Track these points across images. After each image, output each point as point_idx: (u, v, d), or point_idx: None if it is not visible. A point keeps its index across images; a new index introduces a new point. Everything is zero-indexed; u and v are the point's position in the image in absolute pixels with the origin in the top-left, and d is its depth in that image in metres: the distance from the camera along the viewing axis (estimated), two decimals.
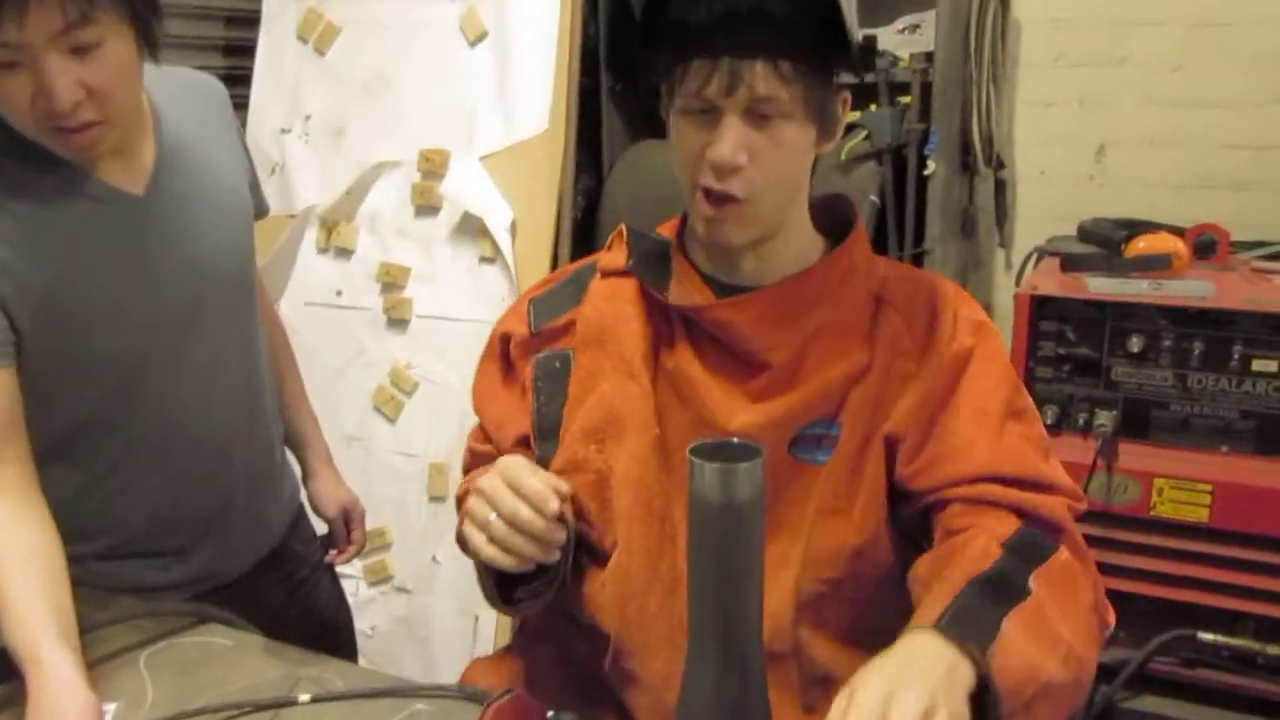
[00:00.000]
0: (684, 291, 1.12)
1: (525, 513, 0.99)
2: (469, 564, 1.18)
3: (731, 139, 0.99)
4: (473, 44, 2.42)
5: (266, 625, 1.32)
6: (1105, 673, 1.85)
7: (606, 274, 1.18)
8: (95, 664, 1.10)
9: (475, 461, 1.28)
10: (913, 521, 1.09)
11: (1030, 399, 1.12)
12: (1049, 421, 1.88)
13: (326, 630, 1.59)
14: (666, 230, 1.19)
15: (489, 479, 1.02)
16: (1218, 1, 2.32)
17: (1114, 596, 1.80)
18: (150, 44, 1.13)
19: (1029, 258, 2.28)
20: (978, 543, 0.97)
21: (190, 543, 1.36)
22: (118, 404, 1.25)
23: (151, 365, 1.26)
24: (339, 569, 1.68)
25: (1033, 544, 0.99)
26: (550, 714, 0.92)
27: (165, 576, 1.35)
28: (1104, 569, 1.80)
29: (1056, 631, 0.92)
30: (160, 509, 1.32)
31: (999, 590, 0.91)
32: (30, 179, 1.14)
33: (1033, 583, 0.93)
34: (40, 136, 1.10)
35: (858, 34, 1.02)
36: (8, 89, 1.05)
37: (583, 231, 2.45)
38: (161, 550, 1.35)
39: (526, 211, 2.34)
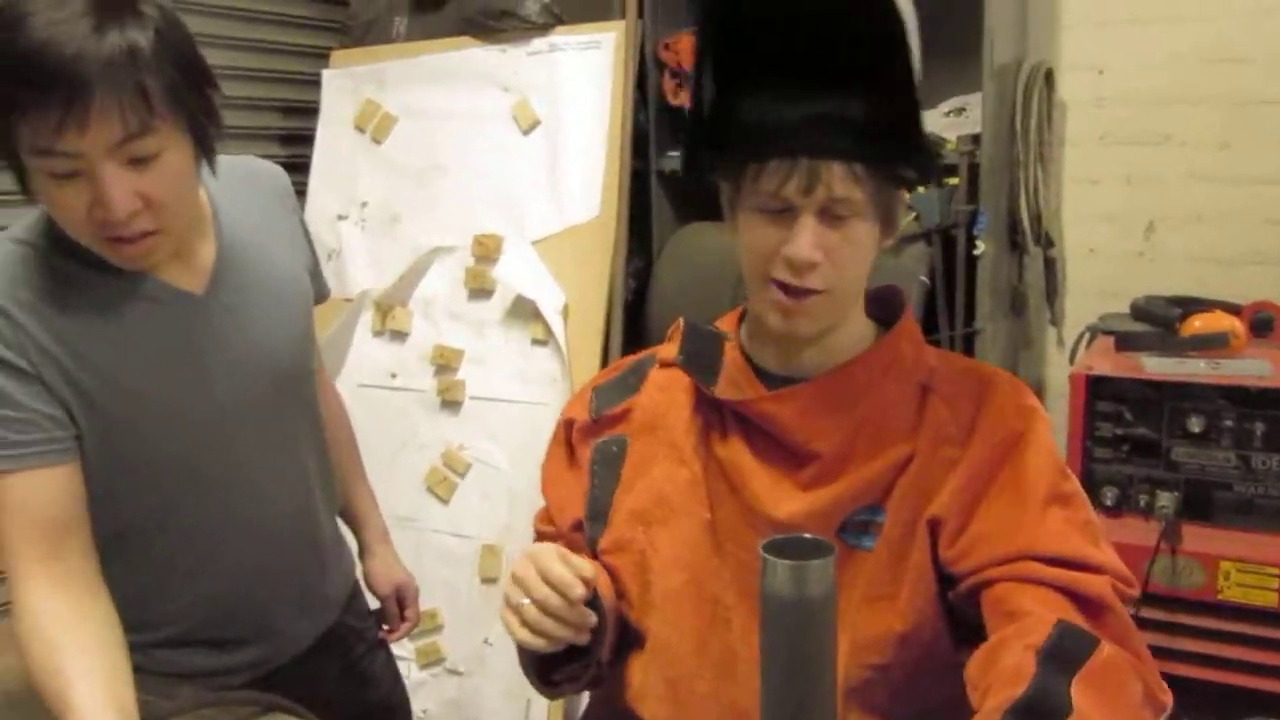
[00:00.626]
0: (733, 384, 1.14)
1: (554, 600, 1.02)
2: None
3: (808, 238, 1.03)
4: (525, 132, 2.48)
5: (324, 703, 1.33)
6: None
7: (664, 365, 1.22)
8: None
9: (539, 540, 1.29)
10: (963, 604, 1.08)
11: (1077, 484, 1.11)
12: (1108, 503, 1.86)
13: (382, 708, 1.60)
14: (726, 323, 1.22)
15: (521, 565, 1.06)
16: (1259, 81, 2.33)
17: (1182, 683, 1.78)
18: (207, 152, 1.14)
19: (1081, 336, 2.28)
20: (1011, 657, 0.93)
21: (249, 630, 1.37)
22: (174, 502, 1.27)
23: (205, 462, 1.27)
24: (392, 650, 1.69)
25: (1070, 646, 0.95)
26: None
27: (225, 662, 1.36)
28: (1170, 655, 1.78)
29: (1114, 713, 0.89)
30: (219, 600, 1.33)
31: (1039, 717, 0.88)
32: (90, 280, 1.16)
33: (1074, 694, 0.89)
34: (94, 245, 1.11)
35: (927, 140, 1.06)
36: (66, 197, 1.06)
37: (632, 313, 2.48)
38: (222, 639, 1.35)
39: (578, 294, 2.38)
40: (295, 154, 2.85)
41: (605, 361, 2.37)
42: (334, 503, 1.52)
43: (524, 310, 2.39)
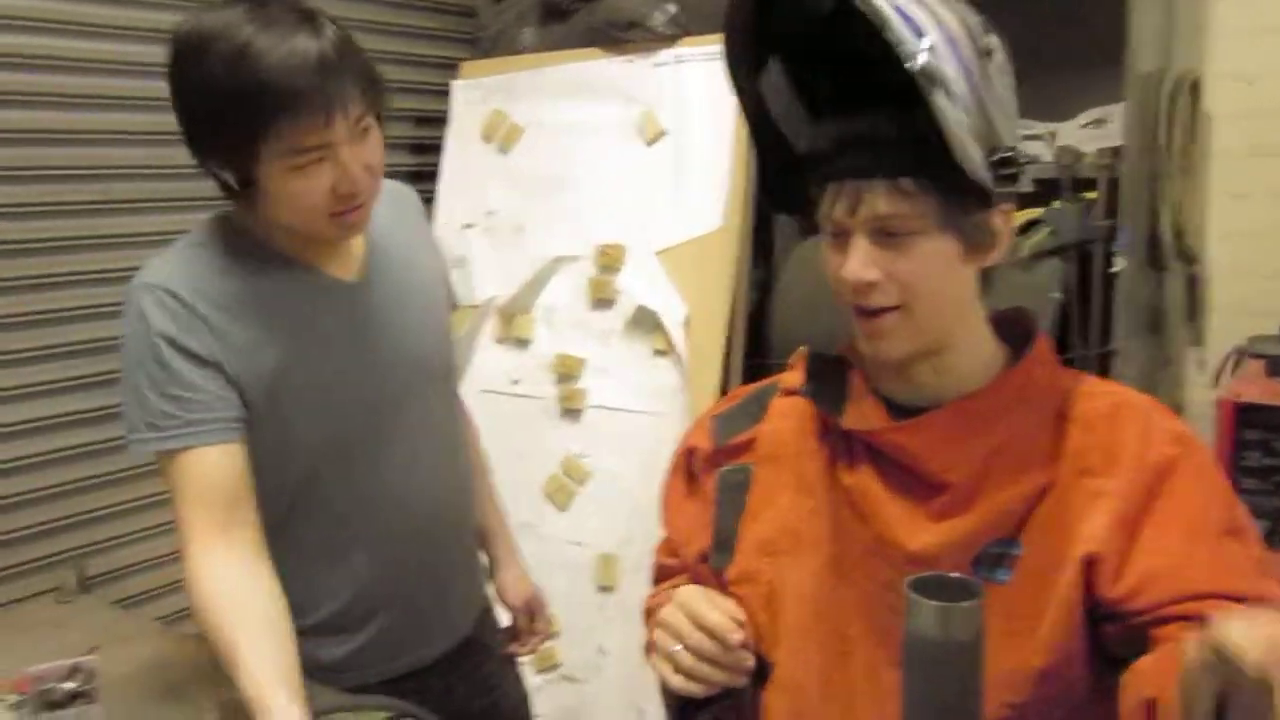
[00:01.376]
0: (860, 413, 1.12)
1: (710, 646, 1.01)
2: (636, 656, 1.25)
3: (858, 257, 1.02)
4: (650, 143, 2.49)
5: (453, 716, 1.37)
6: None
7: (787, 393, 1.20)
8: None
9: (662, 575, 1.29)
10: (1120, 641, 1.02)
11: (1248, 515, 1.05)
12: None
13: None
14: (848, 350, 1.19)
15: (671, 612, 1.04)
16: None
17: None
18: (381, 122, 1.29)
19: (1228, 358, 2.17)
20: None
21: (388, 624, 1.42)
22: (327, 484, 1.34)
23: (357, 444, 1.35)
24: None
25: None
26: None
27: (362, 659, 1.41)
28: None
29: None
30: (362, 589, 1.39)
31: None
32: (259, 273, 1.30)
33: None
34: (322, 223, 1.25)
35: (977, 149, 0.99)
36: (311, 182, 1.21)
37: (754, 325, 2.46)
38: (361, 632, 1.41)
39: (700, 305, 2.37)
40: (424, 163, 2.92)
41: (726, 373, 2.36)
42: (471, 509, 1.56)
43: (646, 320, 2.40)
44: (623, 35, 2.55)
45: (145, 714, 1.26)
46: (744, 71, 1.09)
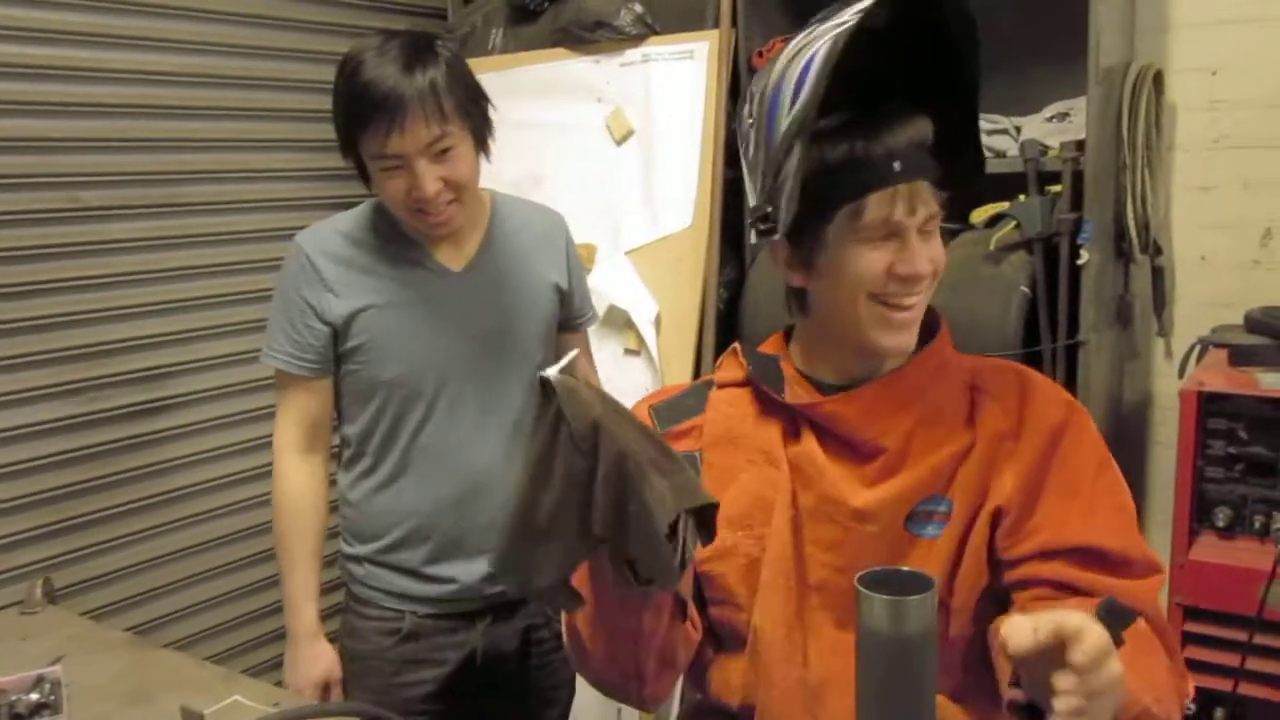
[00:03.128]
0: (795, 394, 1.24)
1: None
2: None
3: (924, 253, 1.14)
4: (619, 142, 2.49)
5: (494, 667, 1.72)
6: None
7: (723, 386, 1.31)
8: None
9: None
10: (1003, 592, 1.15)
11: (1118, 473, 1.18)
12: (1220, 524, 1.80)
13: (542, 700, 1.83)
14: (770, 346, 1.32)
15: None
16: None
17: None
18: (483, 146, 1.61)
19: (1192, 348, 2.20)
20: (1070, 604, 1.04)
21: (441, 555, 1.68)
22: (398, 422, 1.64)
23: (423, 398, 1.63)
24: None
25: (1116, 608, 0.95)
26: None
27: (418, 590, 1.69)
28: None
29: (1137, 667, 0.95)
30: (422, 520, 1.67)
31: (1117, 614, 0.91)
32: (390, 249, 1.64)
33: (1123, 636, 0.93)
34: (410, 218, 1.57)
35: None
36: (393, 184, 1.52)
37: (725, 322, 2.47)
38: (418, 561, 1.68)
39: (671, 304, 2.38)
40: None
41: (698, 369, 2.37)
42: None
43: (618, 319, 2.41)
44: (590, 35, 2.56)
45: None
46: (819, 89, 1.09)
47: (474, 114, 1.57)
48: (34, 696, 1.23)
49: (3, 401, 2.22)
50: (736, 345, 1.33)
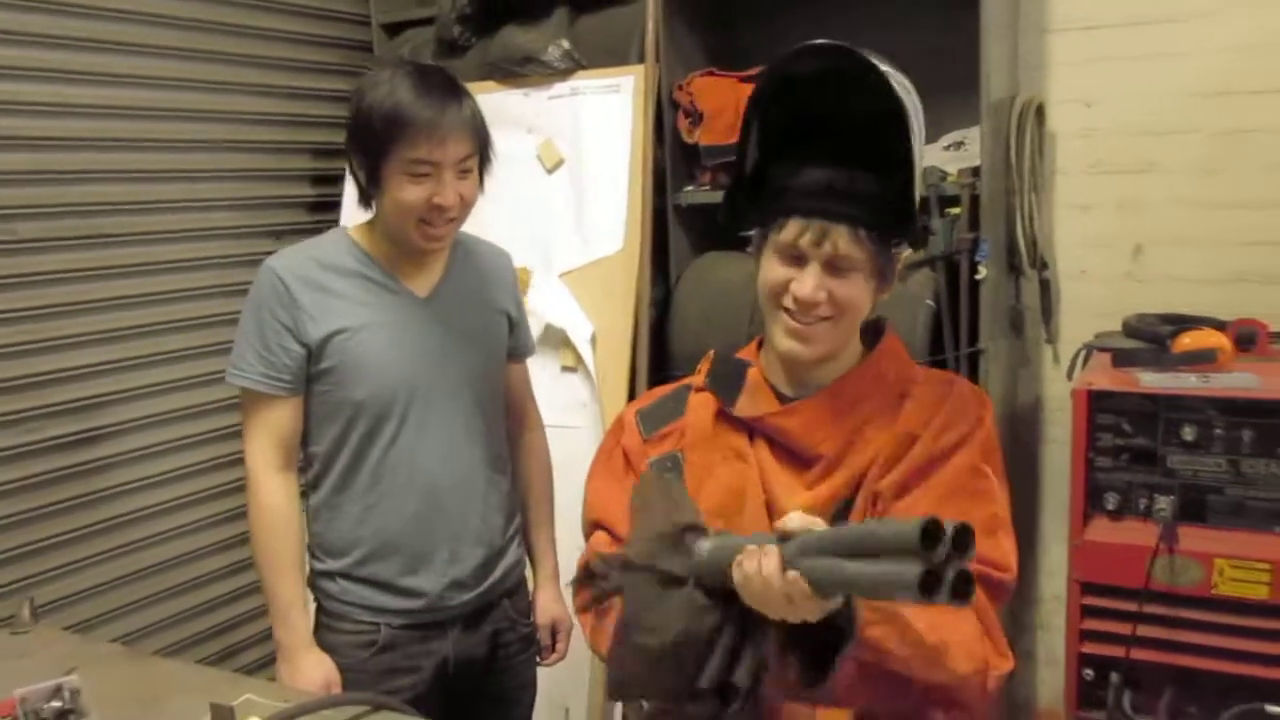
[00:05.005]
0: (753, 402, 1.39)
1: None
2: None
3: (812, 282, 1.28)
4: (550, 171, 2.62)
5: (465, 673, 1.81)
6: None
7: (699, 390, 1.46)
8: None
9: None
10: None
11: (994, 483, 1.33)
12: (1110, 508, 2.00)
13: (508, 701, 1.94)
14: (747, 352, 1.47)
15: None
16: (1241, 112, 2.49)
17: (1182, 674, 1.93)
18: (482, 178, 1.76)
19: (1078, 353, 2.42)
20: None
21: (407, 570, 1.76)
22: (365, 442, 1.73)
23: (392, 418, 1.72)
24: None
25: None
26: None
27: (387, 603, 1.76)
28: (1171, 647, 1.92)
29: (946, 622, 1.15)
30: (388, 538, 1.75)
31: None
32: (361, 274, 1.73)
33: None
34: (410, 228, 1.68)
35: (919, 216, 1.30)
36: (417, 191, 1.64)
37: (655, 339, 2.61)
38: (386, 577, 1.76)
39: (605, 323, 2.52)
40: (324, 194, 3.00)
41: (633, 385, 2.50)
42: (504, 502, 1.90)
43: (554, 338, 2.53)
44: (519, 69, 2.68)
45: None
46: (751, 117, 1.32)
47: (487, 148, 1.75)
48: (56, 704, 1.30)
49: None
50: (713, 351, 1.48)
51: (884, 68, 1.24)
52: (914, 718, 1.30)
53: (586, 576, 1.42)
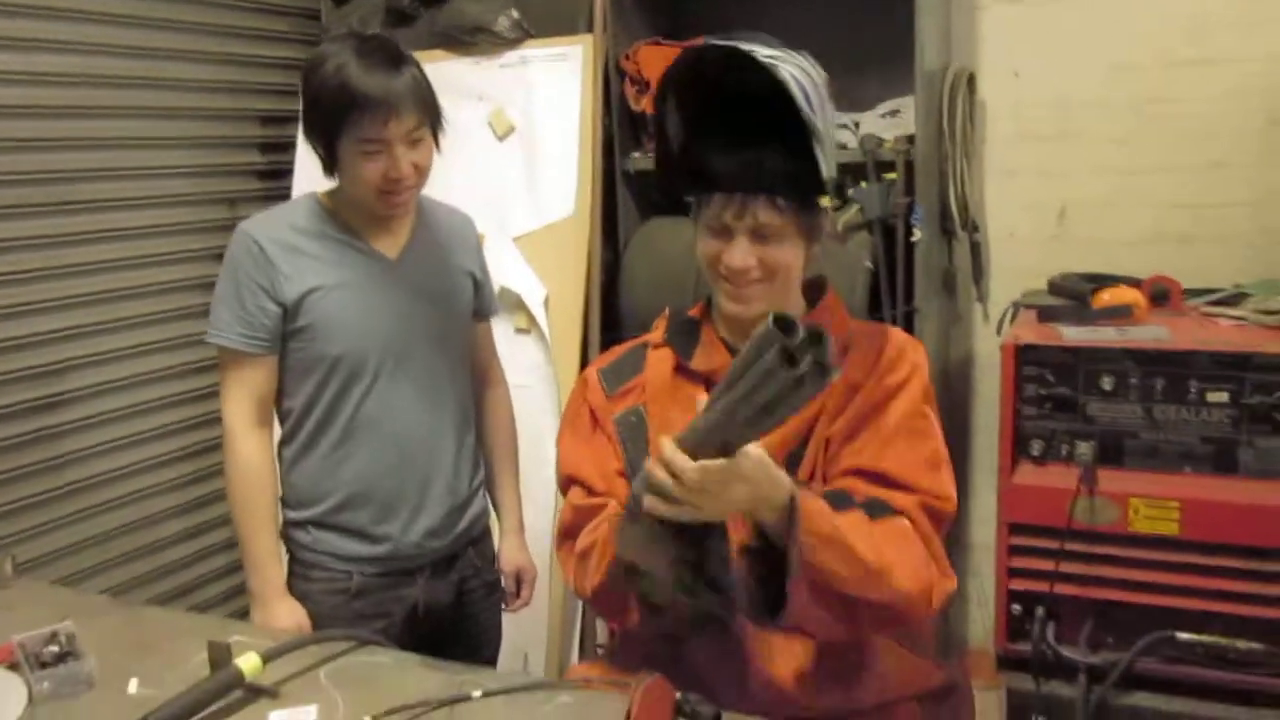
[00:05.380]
0: (706, 356, 1.51)
1: None
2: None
3: (741, 252, 1.41)
4: (502, 138, 2.70)
5: (433, 618, 1.90)
6: (1096, 674, 2.10)
7: (657, 346, 1.57)
8: (283, 682, 1.33)
9: (583, 516, 1.52)
10: None
11: (933, 423, 1.48)
12: (1035, 453, 2.15)
13: (475, 644, 2.01)
14: (696, 311, 1.60)
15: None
16: (1155, 85, 2.65)
17: (1101, 606, 2.09)
18: (437, 143, 1.81)
19: (1006, 311, 2.57)
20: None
21: (379, 519, 1.84)
22: (340, 395, 1.80)
23: (364, 373, 1.80)
24: None
25: (876, 505, 1.35)
26: (679, 695, 1.15)
27: (360, 550, 1.85)
28: (1091, 581, 2.08)
29: (870, 532, 1.28)
30: (360, 487, 1.83)
31: (832, 495, 1.30)
32: (331, 236, 1.80)
33: (862, 511, 1.31)
34: (373, 198, 1.75)
35: (831, 175, 1.41)
36: (371, 166, 1.70)
37: (604, 301, 2.70)
38: (358, 524, 1.84)
39: (557, 286, 2.61)
40: (276, 160, 3.03)
41: (585, 346, 2.60)
42: (469, 454, 1.98)
43: (508, 301, 2.61)
44: (469, 39, 2.74)
45: (135, 665, 1.40)
46: (660, 107, 1.46)
47: (436, 112, 1.78)
48: (53, 649, 1.37)
49: None
50: (667, 310, 1.60)
51: (764, 53, 1.36)
52: (865, 642, 1.43)
53: (571, 527, 1.53)
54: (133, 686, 1.35)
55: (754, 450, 1.19)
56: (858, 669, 1.45)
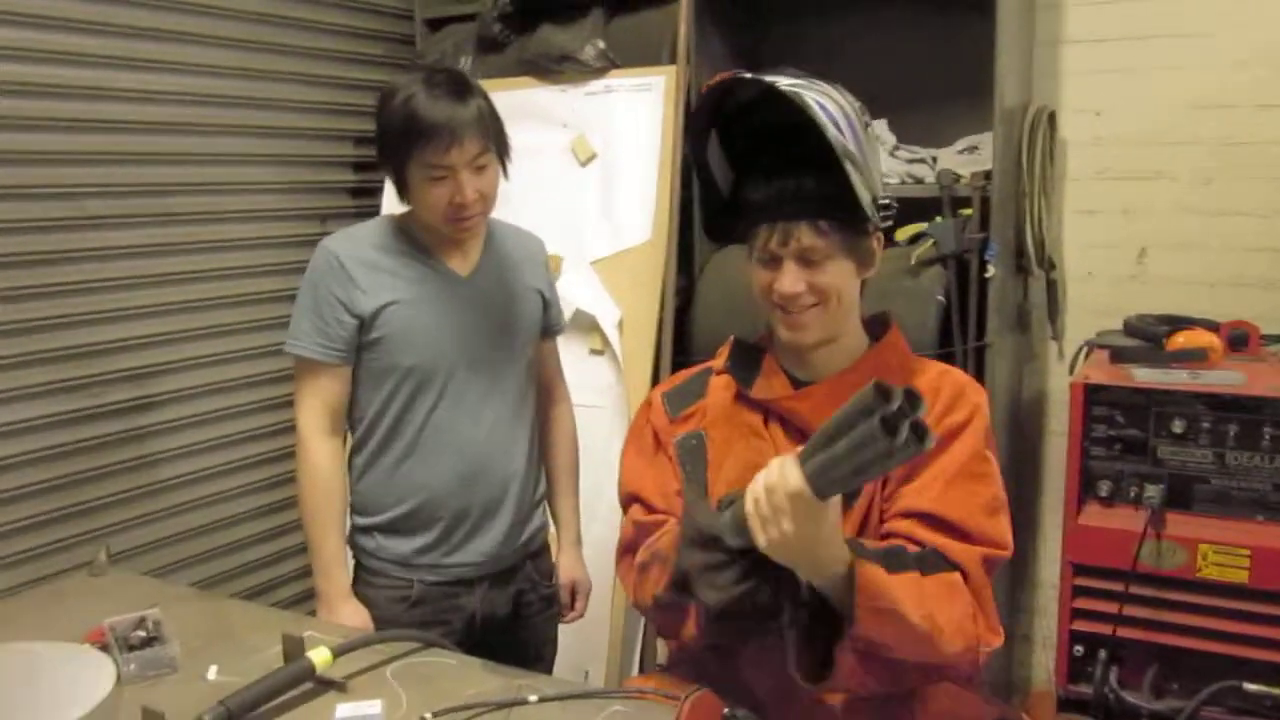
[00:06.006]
0: (768, 385, 1.54)
1: None
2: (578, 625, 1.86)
3: (790, 278, 1.44)
4: (583, 164, 2.77)
5: (490, 628, 1.95)
6: None
7: (719, 373, 1.62)
8: (351, 676, 1.40)
9: (643, 531, 1.55)
10: None
11: (994, 468, 1.47)
12: (1102, 494, 2.14)
13: (530, 655, 2.04)
14: (762, 340, 1.62)
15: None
16: (1241, 124, 2.62)
17: (1166, 652, 2.06)
18: (505, 169, 1.89)
19: (1080, 350, 2.55)
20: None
21: (444, 529, 1.90)
22: (410, 406, 1.87)
23: (434, 385, 1.87)
24: None
25: (930, 558, 1.35)
26: (726, 710, 1.18)
27: (425, 559, 1.90)
28: (1156, 626, 2.06)
29: (921, 594, 1.27)
30: (428, 497, 1.89)
31: (889, 555, 1.29)
32: (407, 254, 1.89)
33: (916, 568, 1.30)
34: (443, 223, 1.83)
35: (868, 197, 1.43)
36: (438, 192, 1.78)
37: (677, 326, 2.74)
38: (426, 533, 1.90)
39: (631, 309, 2.66)
40: (366, 179, 3.15)
41: (657, 369, 2.65)
42: (533, 469, 2.04)
43: (583, 323, 2.67)
44: (556, 67, 2.82)
45: (215, 653, 1.48)
46: (699, 144, 1.51)
47: (502, 140, 1.86)
48: (140, 633, 1.45)
49: (10, 397, 2.39)
50: (732, 338, 1.63)
51: (786, 83, 1.40)
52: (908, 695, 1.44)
53: (631, 543, 1.58)
54: (212, 673, 1.42)
55: (835, 510, 1.22)
56: (909, 700, 1.46)
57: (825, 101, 1.40)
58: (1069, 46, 2.78)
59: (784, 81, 1.40)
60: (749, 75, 1.42)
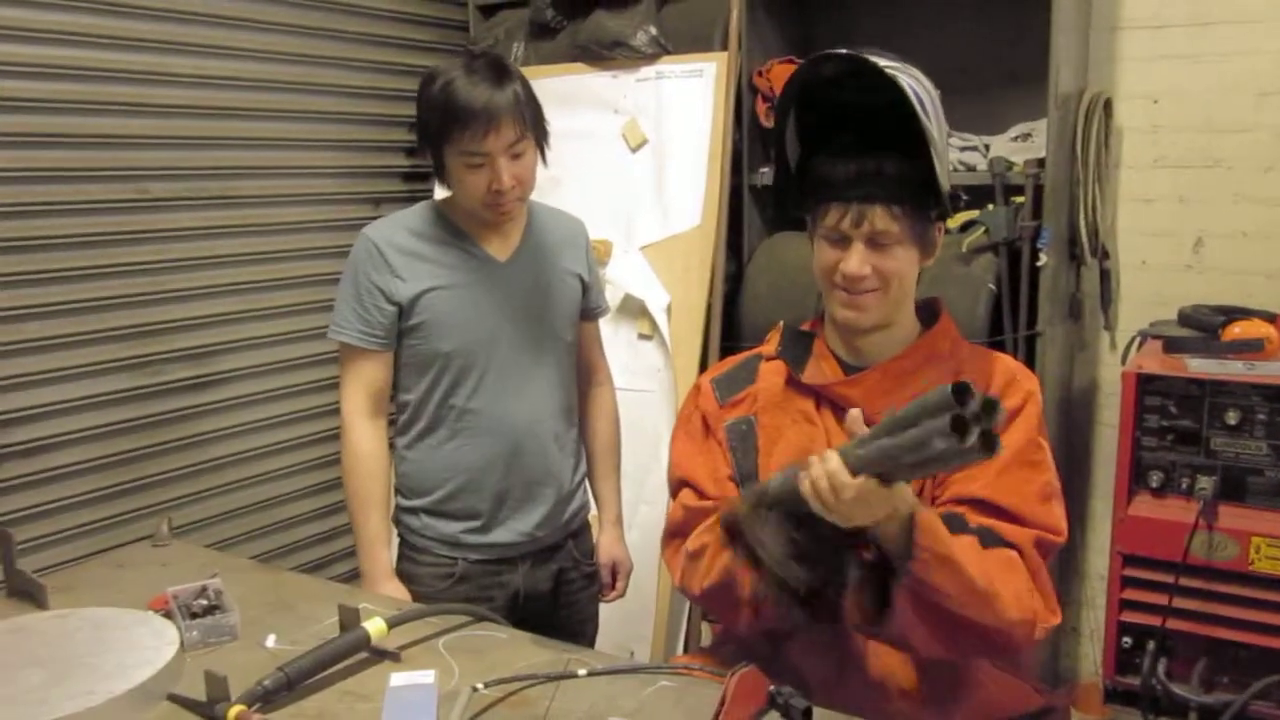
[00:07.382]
0: (818, 370, 1.55)
1: None
2: (623, 605, 1.95)
3: (857, 259, 1.45)
4: (634, 149, 2.78)
5: (532, 605, 1.98)
6: (1208, 714, 2.06)
7: (769, 359, 1.62)
8: (404, 647, 1.43)
9: (694, 517, 1.57)
10: None
11: (1048, 454, 1.47)
12: (1154, 485, 2.12)
13: (571, 632, 2.05)
14: (810, 325, 1.64)
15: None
16: None
17: (1216, 644, 2.04)
18: (543, 155, 1.89)
19: (1133, 340, 2.53)
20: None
21: (486, 509, 1.93)
22: (452, 389, 1.89)
23: (476, 367, 1.89)
24: None
25: (989, 534, 1.36)
26: (772, 687, 1.20)
27: (469, 538, 1.93)
28: (1207, 619, 2.04)
29: (981, 558, 1.29)
30: (470, 476, 1.92)
31: (949, 518, 1.31)
32: (446, 240, 1.90)
33: (975, 535, 1.32)
34: (481, 208, 1.83)
35: (947, 187, 1.44)
36: (476, 179, 1.79)
37: (727, 311, 2.76)
38: (467, 513, 1.92)
39: (681, 294, 2.68)
40: (418, 164, 3.19)
41: (705, 353, 2.66)
42: (574, 449, 2.07)
43: (632, 308, 2.70)
44: (608, 53, 2.84)
45: (273, 621, 1.52)
46: (783, 116, 1.51)
47: (540, 126, 1.86)
48: (202, 601, 1.50)
49: (75, 374, 2.46)
50: (781, 323, 1.64)
51: (884, 64, 1.39)
52: (964, 664, 1.45)
53: (680, 528, 1.60)
54: (270, 641, 1.46)
55: (908, 490, 1.25)
56: (955, 687, 1.47)
57: (916, 86, 1.41)
58: (1126, 32, 2.74)
59: (881, 62, 1.39)
60: (845, 51, 1.41)
